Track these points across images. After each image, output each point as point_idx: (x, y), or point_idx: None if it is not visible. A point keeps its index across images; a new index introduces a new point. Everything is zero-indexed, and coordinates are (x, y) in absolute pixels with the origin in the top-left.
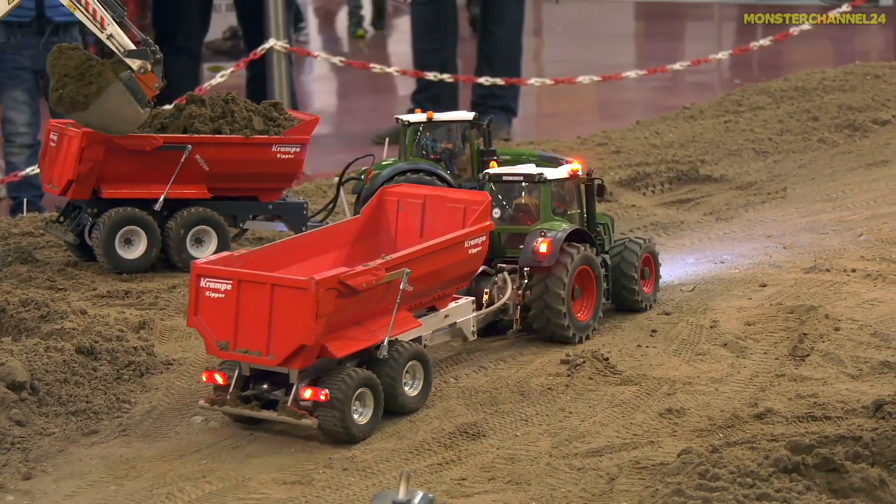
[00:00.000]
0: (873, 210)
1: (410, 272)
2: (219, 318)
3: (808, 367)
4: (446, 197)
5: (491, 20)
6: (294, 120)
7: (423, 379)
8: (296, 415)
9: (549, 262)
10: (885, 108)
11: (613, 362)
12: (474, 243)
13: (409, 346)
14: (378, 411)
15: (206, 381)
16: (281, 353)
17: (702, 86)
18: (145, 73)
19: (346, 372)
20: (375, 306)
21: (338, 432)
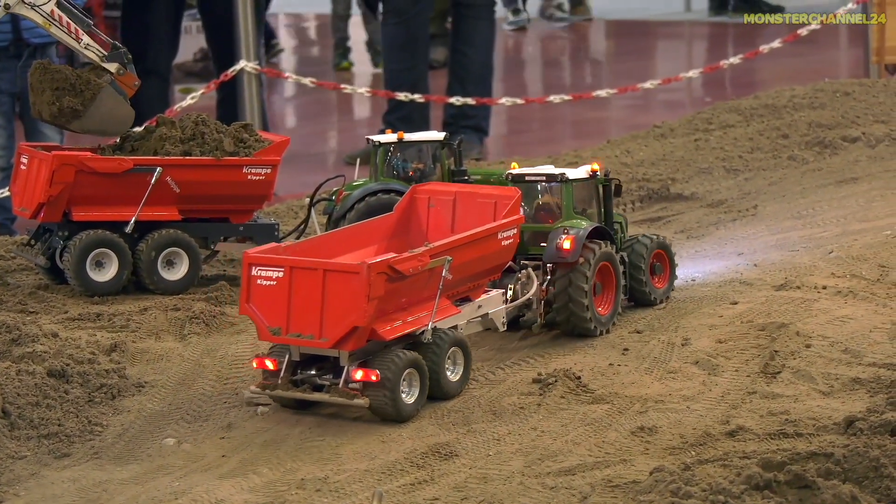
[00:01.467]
0: (843, 227)
1: (452, 260)
2: (271, 304)
3: (780, 384)
4: (476, 193)
5: (462, 40)
6: (265, 141)
7: (463, 365)
8: (348, 395)
9: (572, 257)
10: (855, 125)
11: (585, 381)
12: (507, 235)
13: (451, 333)
14: (423, 392)
15: (256, 367)
16: (333, 336)
17: (672, 104)
18: (123, 75)
19: (395, 353)
20: (419, 293)
21: (388, 411)
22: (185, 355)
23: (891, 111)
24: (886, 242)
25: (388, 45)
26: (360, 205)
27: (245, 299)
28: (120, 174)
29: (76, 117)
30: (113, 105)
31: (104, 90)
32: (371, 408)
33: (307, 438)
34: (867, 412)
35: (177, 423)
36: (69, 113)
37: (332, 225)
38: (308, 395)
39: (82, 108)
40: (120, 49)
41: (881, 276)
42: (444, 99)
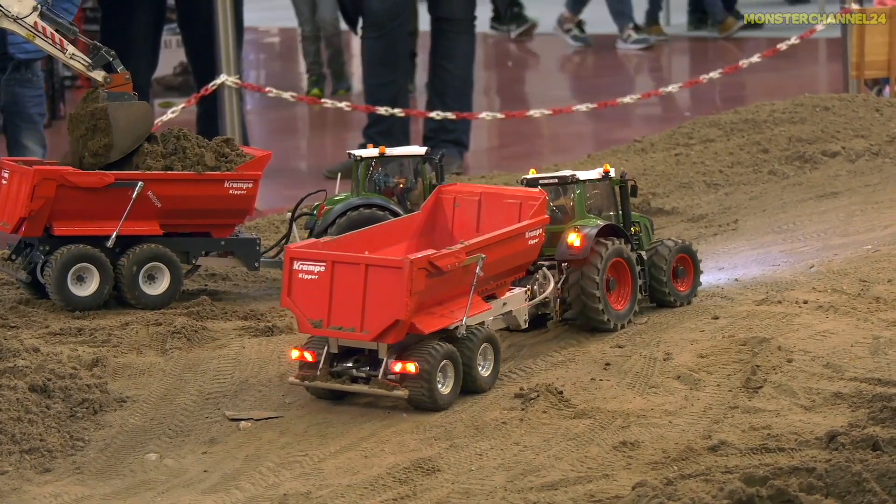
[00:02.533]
0: (824, 241)
1: (486, 257)
2: (312, 297)
3: (762, 398)
4: (502, 194)
5: (442, 54)
6: (246, 156)
7: (493, 361)
8: (388, 387)
9: (583, 254)
10: (835, 139)
11: (567, 396)
12: (533, 235)
13: (483, 329)
14: (458, 382)
15: (295, 358)
16: (375, 329)
17: (652, 119)
18: (111, 82)
19: (432, 346)
20: (454, 289)
21: (426, 402)
22: (166, 370)
23: (870, 126)
24: (867, 257)
25: (368, 59)
26: (342, 219)
27: (286, 293)
28: (101, 189)
29: (111, 148)
30: (126, 113)
31: (109, 108)
32: (409, 399)
33: (289, 454)
34: (849, 427)
35: (159, 438)
36: (104, 151)
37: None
38: (348, 386)
39: (109, 139)
40: (100, 49)
41: (862, 291)
42: (424, 113)
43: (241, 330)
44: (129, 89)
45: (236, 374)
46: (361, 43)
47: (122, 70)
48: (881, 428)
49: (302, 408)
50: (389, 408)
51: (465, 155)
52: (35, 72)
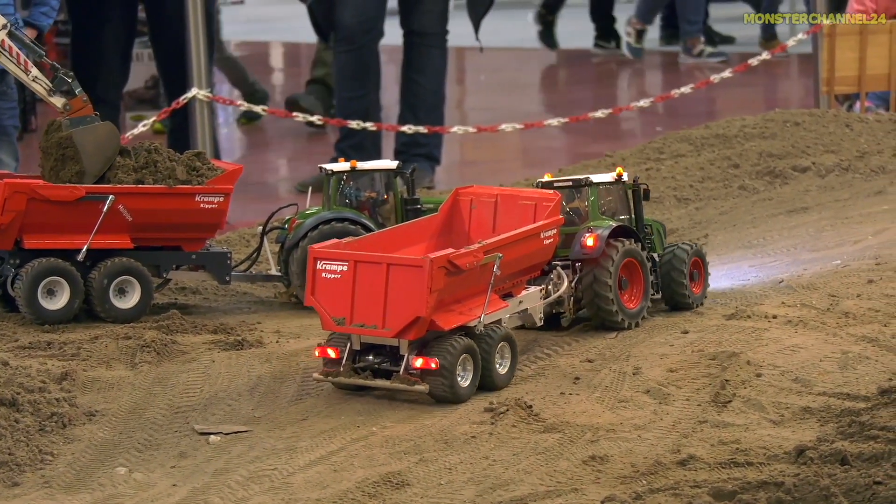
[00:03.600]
0: (794, 256)
1: (503, 256)
2: (335, 296)
3: (731, 413)
4: (518, 196)
5: (414, 68)
6: (217, 169)
7: (510, 359)
8: (409, 382)
9: (596, 253)
10: (805, 154)
11: (537, 410)
12: (548, 235)
13: (501, 328)
14: (477, 376)
15: (318, 355)
16: (396, 326)
17: (624, 133)
18: (71, 109)
19: (451, 341)
20: (472, 287)
21: (446, 396)
22: (136, 384)
23: (840, 141)
24: (836, 272)
25: (340, 73)
26: (314, 233)
27: (310, 292)
28: (72, 202)
29: (83, 175)
30: (92, 137)
31: (74, 136)
32: (430, 393)
33: (259, 468)
34: (817, 441)
35: (128, 451)
36: (78, 178)
37: (285, 254)
38: (370, 381)
39: (80, 165)
40: (59, 73)
41: (831, 306)
42: (395, 127)
43: (211, 344)
44: (89, 112)
45: (206, 388)
46: (333, 57)
47: (81, 93)
48: (849, 442)
49: (272, 422)
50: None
51: (437, 169)
52: (9, 83)
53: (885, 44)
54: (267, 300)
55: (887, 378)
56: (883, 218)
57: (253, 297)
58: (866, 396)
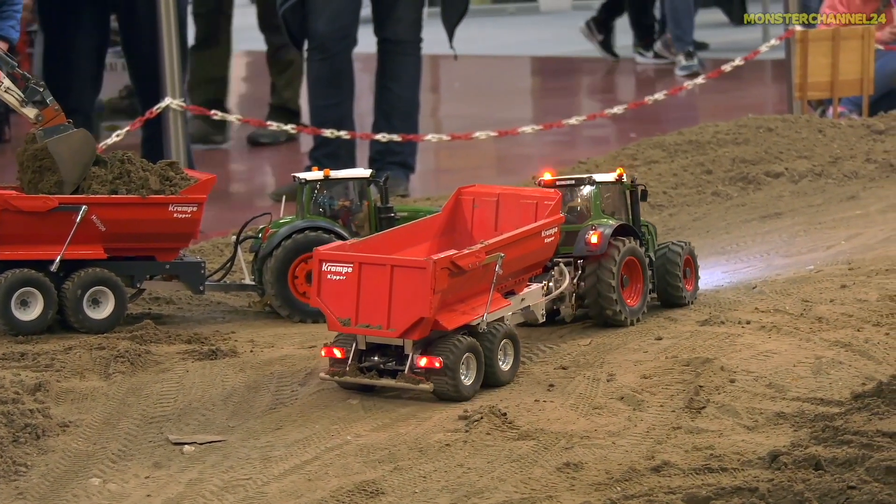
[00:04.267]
0: (767, 262)
1: (505, 256)
2: (340, 297)
3: (705, 419)
4: (519, 195)
5: (388, 76)
6: (191, 179)
7: (513, 356)
8: (414, 381)
9: (599, 251)
10: (779, 160)
11: (511, 417)
12: (549, 234)
13: (504, 326)
14: (480, 374)
15: (325, 355)
16: (401, 326)
17: (598, 140)
18: (43, 119)
19: (454, 340)
20: (474, 287)
21: (450, 394)
22: (109, 394)
23: (813, 147)
24: (809, 277)
25: (313, 81)
26: (287, 242)
27: (316, 293)
28: (45, 213)
29: (62, 184)
30: (67, 146)
31: (49, 146)
32: (434, 391)
33: (233, 478)
34: (791, 447)
35: (102, 462)
36: (57, 189)
37: (259, 263)
38: (376, 380)
39: (57, 175)
40: (29, 83)
41: (804, 311)
42: (370, 135)
43: (185, 354)
44: (62, 121)
45: (180, 398)
46: (307, 65)
47: (52, 102)
48: (823, 447)
49: (246, 431)
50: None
51: (412, 177)
52: None
53: (857, 49)
54: (241, 309)
55: (860, 383)
56: (856, 223)
57: (227, 307)
58: (840, 401)
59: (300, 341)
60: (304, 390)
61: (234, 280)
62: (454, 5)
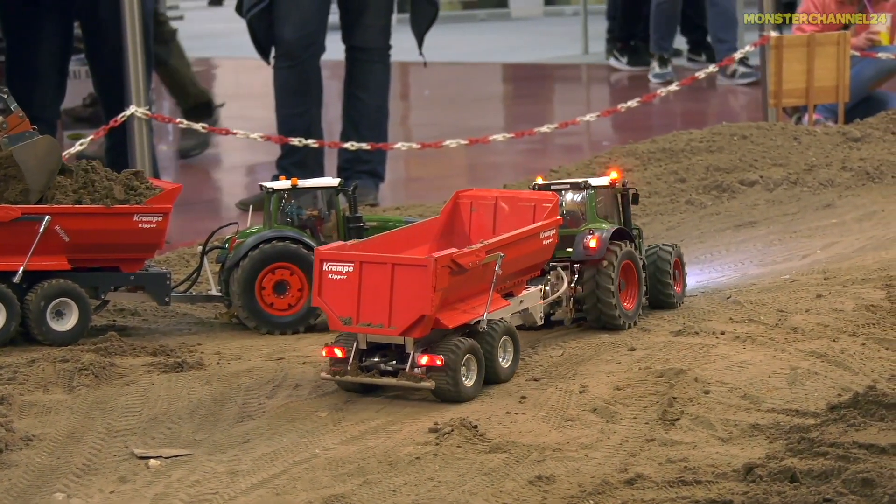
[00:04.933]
0: (742, 272)
1: (504, 256)
2: (341, 296)
3: (678, 431)
4: (517, 198)
5: (356, 84)
6: (156, 188)
7: (513, 353)
8: (415, 379)
9: (599, 255)
10: (753, 168)
11: (482, 430)
12: (547, 235)
13: (503, 323)
14: (481, 376)
15: (325, 355)
16: (402, 324)
17: (570, 148)
18: (7, 127)
19: (455, 340)
20: (475, 286)
21: (451, 393)
22: (73, 408)
23: (788, 154)
24: (784, 287)
25: (281, 89)
26: (255, 252)
27: (317, 293)
28: (7, 223)
29: (28, 192)
30: (33, 153)
31: (15, 154)
32: (436, 389)
33: (199, 492)
34: (766, 459)
35: (66, 477)
36: (23, 197)
37: (226, 273)
38: (377, 379)
39: (23, 184)
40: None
41: (779, 321)
42: (338, 144)
43: (151, 366)
44: (26, 127)
45: (145, 411)
46: (274, 73)
47: (16, 108)
48: (799, 459)
49: (212, 445)
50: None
51: (381, 186)
52: None
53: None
54: (207, 321)
55: (836, 394)
56: (831, 232)
57: (193, 319)
58: (815, 412)
59: (267, 353)
60: (272, 403)
61: (200, 291)
62: (424, 11)
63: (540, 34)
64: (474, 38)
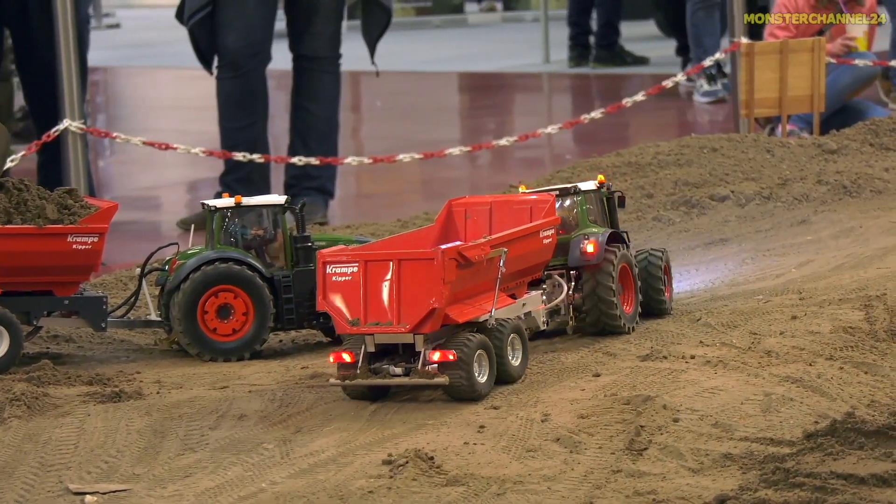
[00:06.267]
0: (712, 292)
1: (508, 252)
2: (347, 298)
3: (646, 461)
4: (512, 201)
5: (304, 95)
6: (91, 207)
7: (521, 351)
8: (428, 375)
9: (597, 259)
10: (724, 182)
11: (439, 461)
12: (547, 234)
13: (510, 321)
14: (493, 372)
15: (333, 361)
16: (412, 320)
17: (530, 162)
18: None
19: (466, 335)
20: (480, 283)
21: (465, 389)
22: (4, 441)
23: (761, 168)
24: (758, 308)
25: (224, 101)
26: (196, 275)
27: (322, 296)
28: None
29: None
30: None
31: None
32: (450, 386)
33: None
34: (739, 490)
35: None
36: None
37: (166, 297)
38: (389, 380)
39: None
40: None
41: (753, 345)
42: (285, 159)
43: (86, 396)
44: None
45: (81, 444)
46: (217, 83)
47: None
48: (773, 491)
49: (152, 479)
50: (247, 477)
51: (331, 203)
52: None
53: (806, 63)
54: (147, 348)
55: (813, 421)
56: (807, 249)
57: (131, 345)
58: (791, 441)
59: (210, 381)
60: (216, 434)
61: (138, 316)
62: (375, 18)
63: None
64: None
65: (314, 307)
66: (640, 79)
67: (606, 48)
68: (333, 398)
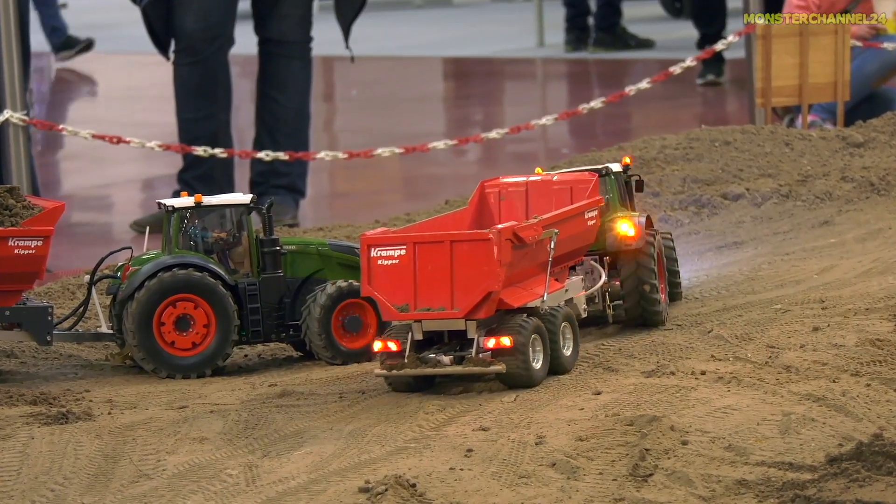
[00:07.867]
0: (724, 302)
1: (559, 233)
2: (395, 282)
3: (652, 488)
4: (550, 181)
5: (272, 83)
6: (35, 208)
7: (572, 340)
8: (484, 363)
9: (638, 244)
10: (738, 179)
11: (421, 489)
12: (591, 216)
13: (563, 308)
14: (547, 358)
15: (378, 350)
16: (466, 305)
17: (523, 156)
18: None
19: (520, 320)
20: (531, 267)
21: (522, 376)
22: None
23: (779, 163)
24: (775, 318)
25: (182, 89)
26: (152, 282)
27: (367, 282)
28: None
29: None
30: None
31: None
32: (506, 373)
33: None
34: None
35: None
36: None
37: (118, 307)
38: (441, 370)
39: None
40: None
41: (770, 359)
42: (251, 154)
43: (30, 417)
44: None
45: (24, 471)
46: (173, 70)
47: None
48: None
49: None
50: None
51: (301, 203)
52: None
53: (829, 47)
54: (97, 363)
55: (836, 444)
56: (829, 253)
57: (80, 361)
58: (812, 466)
59: (168, 401)
60: (173, 459)
61: (88, 328)
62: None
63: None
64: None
65: (283, 318)
66: (644, 64)
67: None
68: (304, 418)
